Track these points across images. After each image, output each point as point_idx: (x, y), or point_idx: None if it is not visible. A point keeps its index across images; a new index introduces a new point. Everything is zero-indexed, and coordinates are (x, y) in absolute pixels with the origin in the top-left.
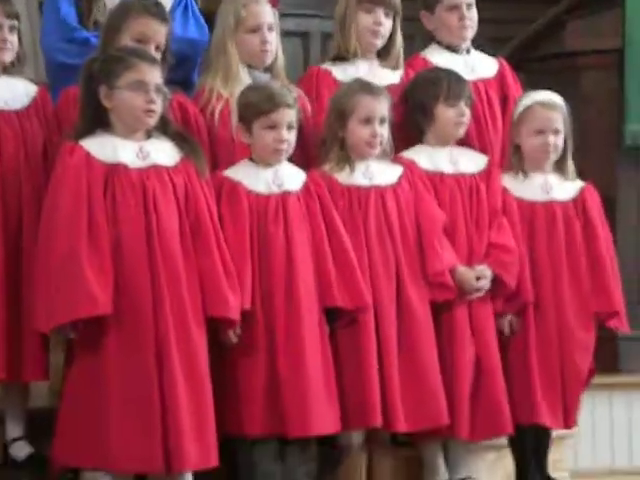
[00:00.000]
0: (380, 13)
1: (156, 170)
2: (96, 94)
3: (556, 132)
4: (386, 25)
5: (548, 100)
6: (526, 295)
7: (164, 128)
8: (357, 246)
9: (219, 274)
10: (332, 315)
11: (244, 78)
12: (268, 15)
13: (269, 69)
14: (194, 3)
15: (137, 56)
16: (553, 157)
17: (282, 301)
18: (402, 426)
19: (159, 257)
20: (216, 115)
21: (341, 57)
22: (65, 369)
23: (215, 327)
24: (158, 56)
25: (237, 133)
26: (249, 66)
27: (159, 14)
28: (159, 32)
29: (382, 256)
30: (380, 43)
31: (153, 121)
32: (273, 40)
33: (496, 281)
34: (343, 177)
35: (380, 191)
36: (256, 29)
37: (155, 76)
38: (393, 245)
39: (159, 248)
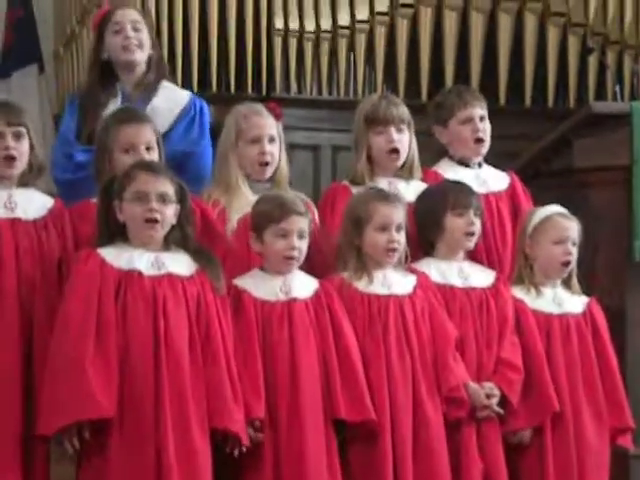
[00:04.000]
0: (392, 131)
1: (170, 279)
2: (113, 210)
3: (574, 244)
4: (402, 140)
5: (565, 212)
6: (552, 404)
7: (184, 243)
8: (377, 355)
9: (225, 387)
10: (341, 426)
11: (244, 189)
12: (269, 127)
13: (271, 180)
14: (204, 116)
15: (138, 167)
16: (569, 268)
17: (285, 410)
18: None
19: (164, 364)
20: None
21: (357, 181)
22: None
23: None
24: (153, 156)
25: (235, 244)
26: (251, 178)
27: (134, 118)
28: (141, 133)
29: (400, 366)
30: (401, 160)
31: (157, 231)
32: (274, 152)
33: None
34: (362, 285)
35: (399, 300)
36: (256, 140)
37: (157, 185)
38: (411, 355)
39: (165, 355)
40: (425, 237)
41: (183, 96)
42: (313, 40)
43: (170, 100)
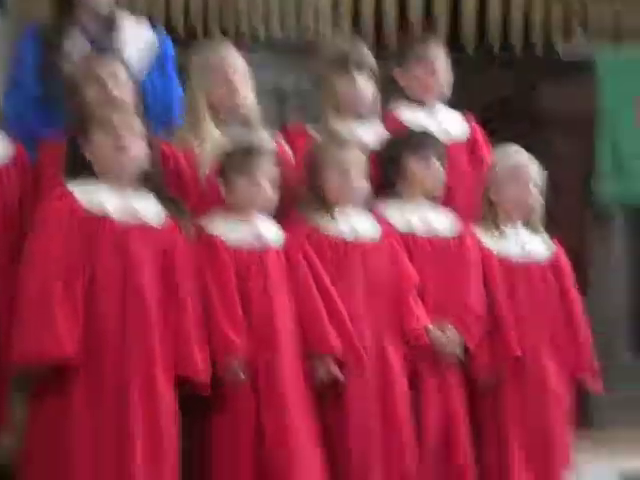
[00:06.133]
0: (357, 77)
1: (139, 225)
2: (81, 149)
3: (536, 186)
4: (366, 87)
5: (528, 155)
6: (513, 350)
7: (153, 188)
8: (345, 298)
9: (189, 335)
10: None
11: (212, 129)
12: (238, 62)
13: (241, 120)
14: (169, 56)
15: (107, 103)
16: (531, 209)
17: (263, 352)
18: None
19: (131, 310)
20: (185, 166)
21: (319, 124)
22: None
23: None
24: (123, 91)
25: (207, 185)
26: (220, 116)
27: (102, 54)
28: (108, 66)
29: (366, 309)
30: (364, 105)
31: (128, 160)
32: (244, 88)
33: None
34: (328, 229)
35: (363, 245)
36: (225, 76)
37: (126, 117)
38: (375, 299)
39: (132, 301)
40: (388, 181)
41: (148, 33)
42: None
43: (136, 38)
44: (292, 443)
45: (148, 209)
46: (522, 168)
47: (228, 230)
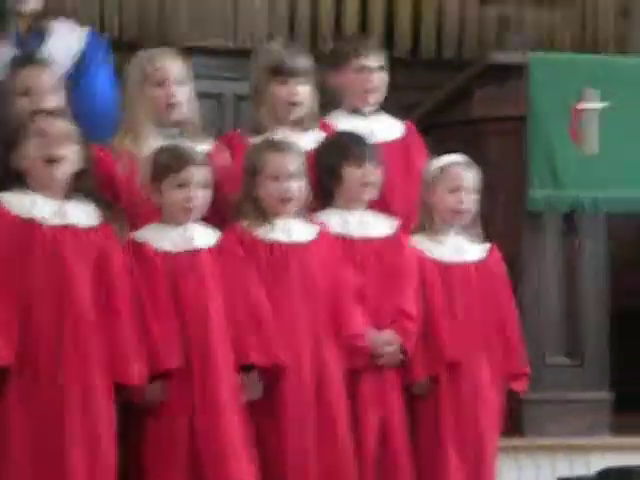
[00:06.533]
0: (294, 84)
1: (72, 230)
2: (11, 163)
3: (471, 192)
4: (303, 93)
5: (464, 160)
6: (447, 355)
7: (86, 191)
8: (280, 303)
9: (125, 341)
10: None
11: (151, 135)
12: (175, 69)
13: (180, 126)
14: (95, 52)
15: (34, 113)
16: (467, 216)
17: (198, 359)
18: None
19: (67, 316)
20: (121, 172)
21: (256, 131)
22: None
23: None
24: (53, 100)
25: (144, 192)
26: (159, 123)
27: (31, 61)
28: (38, 76)
29: (303, 314)
30: (299, 112)
31: (59, 172)
32: (181, 95)
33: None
34: (264, 233)
35: (300, 248)
36: (161, 83)
37: (57, 123)
38: (312, 303)
39: (68, 307)
40: (324, 188)
41: (79, 35)
42: None
43: (66, 38)
44: (226, 449)
45: (81, 214)
46: (456, 172)
47: (158, 237)
